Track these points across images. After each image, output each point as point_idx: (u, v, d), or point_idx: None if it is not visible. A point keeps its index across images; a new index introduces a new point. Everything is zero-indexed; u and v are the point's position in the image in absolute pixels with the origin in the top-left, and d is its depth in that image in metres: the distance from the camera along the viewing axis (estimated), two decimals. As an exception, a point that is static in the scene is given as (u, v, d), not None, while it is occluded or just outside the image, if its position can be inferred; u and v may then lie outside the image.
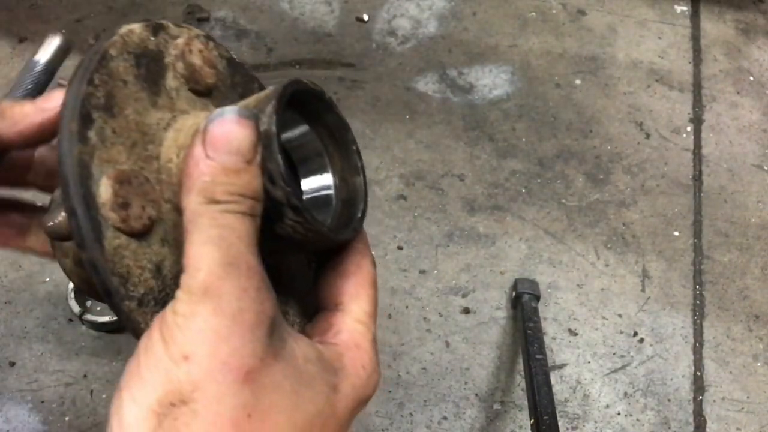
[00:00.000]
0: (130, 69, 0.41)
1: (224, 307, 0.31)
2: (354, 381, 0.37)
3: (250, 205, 0.34)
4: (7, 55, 1.63)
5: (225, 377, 0.31)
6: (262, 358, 0.32)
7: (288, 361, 0.33)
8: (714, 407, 1.30)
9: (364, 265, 0.40)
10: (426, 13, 1.76)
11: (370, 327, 0.39)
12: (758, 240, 1.49)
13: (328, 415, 0.35)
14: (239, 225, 0.33)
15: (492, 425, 1.26)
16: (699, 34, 1.79)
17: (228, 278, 0.32)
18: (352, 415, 0.37)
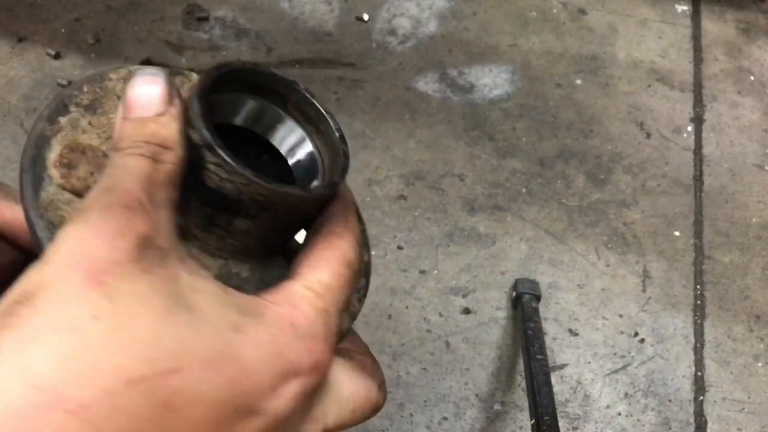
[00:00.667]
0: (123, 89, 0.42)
1: (88, 218, 0.31)
2: (274, 331, 0.32)
3: (152, 150, 0.34)
4: (7, 55, 1.63)
5: (73, 276, 0.29)
6: (122, 265, 0.30)
7: (163, 279, 0.31)
8: (715, 407, 1.30)
9: (335, 243, 0.36)
10: (426, 12, 1.76)
11: (322, 296, 0.34)
12: (759, 240, 1.48)
13: (222, 353, 0.30)
14: (132, 163, 0.33)
15: (492, 426, 1.26)
16: (700, 33, 1.79)
17: (100, 198, 0.32)
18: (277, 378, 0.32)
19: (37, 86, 1.60)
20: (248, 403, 0.31)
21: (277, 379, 0.32)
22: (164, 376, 0.29)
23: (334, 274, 0.35)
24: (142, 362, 0.29)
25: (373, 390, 0.39)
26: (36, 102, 1.57)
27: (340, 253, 0.36)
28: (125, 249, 0.30)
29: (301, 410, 0.34)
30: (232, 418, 0.31)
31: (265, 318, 0.32)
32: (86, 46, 1.66)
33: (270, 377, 0.32)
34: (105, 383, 0.28)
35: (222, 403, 0.30)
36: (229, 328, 0.31)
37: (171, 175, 0.34)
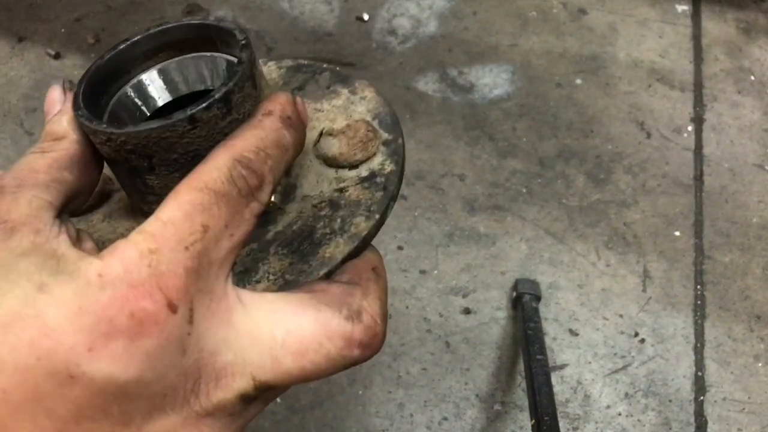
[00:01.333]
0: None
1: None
2: (79, 285, 0.29)
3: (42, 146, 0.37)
4: (7, 55, 1.62)
5: None
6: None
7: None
8: (715, 408, 1.30)
9: (194, 171, 0.33)
10: (426, 12, 1.76)
11: (153, 235, 0.31)
12: (759, 240, 1.48)
13: (22, 316, 0.29)
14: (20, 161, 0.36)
15: (492, 426, 1.26)
16: (700, 33, 1.79)
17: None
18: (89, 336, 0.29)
19: (37, 86, 1.60)
20: (60, 366, 0.29)
21: (89, 338, 0.29)
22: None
23: (178, 205, 0.31)
24: None
25: (332, 321, 0.34)
26: (36, 102, 1.57)
27: (194, 178, 0.32)
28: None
29: (160, 366, 0.30)
30: (50, 384, 0.29)
31: (76, 273, 0.30)
32: (86, 46, 1.66)
33: (78, 336, 0.29)
34: None
35: (27, 367, 0.29)
36: (35, 289, 0.29)
37: (58, 158, 0.36)
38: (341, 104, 0.43)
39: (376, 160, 0.40)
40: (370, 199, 0.39)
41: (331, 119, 0.42)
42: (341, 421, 1.25)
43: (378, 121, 0.42)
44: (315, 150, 0.41)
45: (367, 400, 1.26)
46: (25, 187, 0.33)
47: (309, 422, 1.25)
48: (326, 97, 0.43)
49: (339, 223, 0.38)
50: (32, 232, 0.31)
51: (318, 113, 0.42)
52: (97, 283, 0.29)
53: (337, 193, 0.39)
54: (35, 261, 0.30)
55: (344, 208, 0.39)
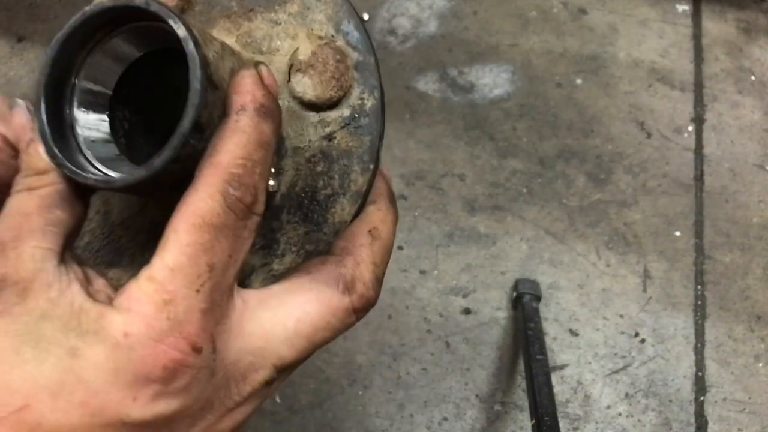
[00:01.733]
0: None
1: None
2: (108, 348, 0.32)
3: (28, 182, 0.35)
4: (6, 55, 1.62)
5: None
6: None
7: (16, 318, 0.32)
8: (715, 408, 1.30)
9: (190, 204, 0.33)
10: (426, 12, 1.76)
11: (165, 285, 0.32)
12: (760, 240, 1.48)
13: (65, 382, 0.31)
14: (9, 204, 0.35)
15: (493, 426, 1.26)
16: (700, 33, 1.79)
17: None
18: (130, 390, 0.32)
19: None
20: (110, 419, 0.32)
21: (131, 391, 0.32)
22: (18, 414, 0.31)
23: (181, 250, 0.33)
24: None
25: (333, 299, 0.37)
26: (36, 102, 1.57)
27: (193, 215, 0.33)
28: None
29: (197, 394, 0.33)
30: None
31: (100, 335, 0.32)
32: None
33: (122, 391, 0.32)
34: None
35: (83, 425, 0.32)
36: (68, 354, 0.32)
37: (49, 197, 0.35)
38: (296, 10, 0.40)
39: (354, 94, 0.40)
40: (360, 147, 0.40)
41: (292, 36, 0.40)
42: (341, 421, 1.25)
43: (342, 34, 0.40)
44: (289, 88, 0.39)
45: (367, 401, 1.26)
46: (24, 239, 0.34)
47: (309, 422, 1.24)
48: (278, 2, 0.40)
49: (338, 181, 0.39)
50: (44, 287, 0.33)
51: (275, 27, 0.40)
52: (125, 344, 0.32)
53: (326, 141, 0.39)
54: (58, 324, 0.32)
55: (338, 161, 0.39)
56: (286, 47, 0.40)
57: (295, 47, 0.40)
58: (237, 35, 0.40)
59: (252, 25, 0.40)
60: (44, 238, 0.34)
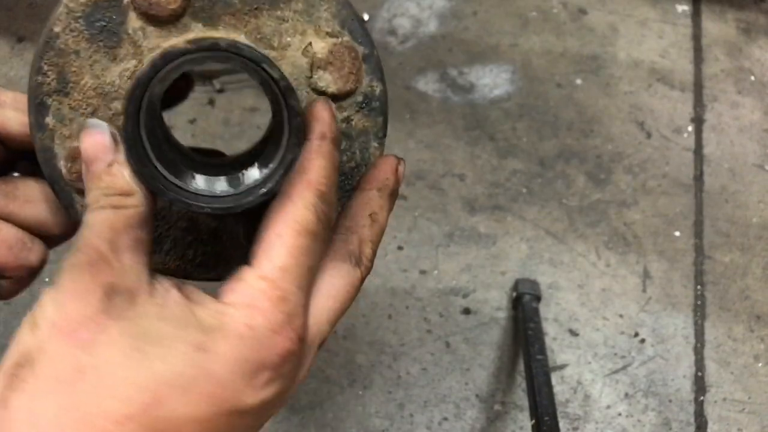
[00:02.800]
0: (80, 36, 0.41)
1: (59, 281, 0.36)
2: (234, 341, 0.36)
3: (111, 201, 0.37)
4: (6, 55, 1.62)
5: (59, 339, 0.34)
6: (95, 320, 0.34)
7: (132, 321, 0.35)
8: (715, 408, 1.30)
9: (290, 212, 0.38)
10: (426, 12, 1.76)
11: (277, 283, 0.37)
12: (759, 240, 1.48)
13: (195, 376, 0.34)
14: (95, 218, 0.37)
15: (492, 426, 1.26)
16: (700, 33, 1.79)
17: (69, 259, 0.36)
18: (250, 379, 0.36)
19: (37, 86, 1.60)
20: (234, 408, 0.35)
21: (251, 379, 0.36)
22: (147, 410, 0.33)
23: (289, 252, 0.38)
24: (125, 402, 0.33)
25: (349, 273, 0.42)
26: (36, 102, 1.57)
27: (294, 222, 0.38)
28: (94, 303, 0.35)
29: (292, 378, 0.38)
30: (224, 422, 0.35)
31: (225, 329, 0.36)
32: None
33: (244, 380, 0.36)
34: (99, 426, 0.33)
35: (209, 417, 0.35)
36: (195, 350, 0.35)
37: (135, 217, 0.38)
38: (301, 8, 0.43)
39: (365, 82, 0.45)
40: (374, 126, 0.46)
41: (300, 32, 0.44)
42: (341, 421, 1.25)
43: (348, 30, 0.45)
44: (310, 83, 0.44)
45: (367, 400, 1.26)
46: (121, 251, 0.37)
47: (309, 422, 1.25)
48: (283, 1, 0.43)
49: (360, 155, 0.46)
50: (149, 295, 0.36)
51: (283, 23, 0.43)
52: (250, 336, 0.36)
53: (345, 123, 0.45)
54: (177, 323, 0.36)
55: (357, 139, 0.46)
56: (297, 43, 0.43)
57: (305, 42, 0.44)
58: (245, 31, 0.43)
59: (258, 21, 0.43)
60: (137, 252, 0.37)
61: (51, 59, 0.42)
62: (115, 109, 0.42)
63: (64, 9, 0.41)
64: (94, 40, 0.41)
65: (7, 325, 1.27)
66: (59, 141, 0.42)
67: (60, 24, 0.41)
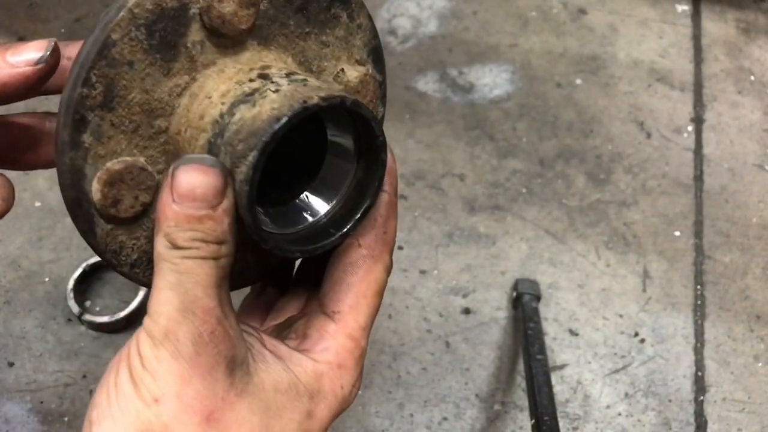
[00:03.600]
0: (138, 46, 0.38)
1: (182, 351, 0.33)
2: (331, 402, 0.38)
3: (212, 250, 0.35)
4: (7, 55, 1.62)
5: (191, 419, 0.33)
6: (224, 397, 0.34)
7: (255, 395, 0.35)
8: (715, 408, 1.30)
9: (374, 272, 0.40)
10: (426, 12, 1.76)
11: (360, 342, 0.40)
12: (759, 240, 1.48)
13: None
14: (198, 270, 0.35)
15: (492, 426, 1.26)
16: (700, 33, 1.79)
17: (184, 323, 0.34)
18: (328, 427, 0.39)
19: (37, 86, 1.59)
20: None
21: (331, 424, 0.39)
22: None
23: (370, 312, 0.40)
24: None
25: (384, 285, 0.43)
26: (36, 102, 1.57)
27: (376, 283, 0.40)
28: (221, 378, 0.34)
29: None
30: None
31: (323, 392, 0.38)
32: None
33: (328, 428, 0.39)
34: None
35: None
36: (305, 417, 0.37)
37: (225, 268, 0.36)
38: (342, 35, 0.46)
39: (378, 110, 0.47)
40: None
41: (336, 57, 0.45)
42: (341, 420, 1.25)
43: (372, 59, 0.47)
44: None
45: (367, 400, 1.26)
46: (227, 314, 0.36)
47: (309, 422, 1.25)
48: (329, 24, 0.45)
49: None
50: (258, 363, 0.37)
51: (324, 48, 0.45)
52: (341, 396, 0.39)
53: None
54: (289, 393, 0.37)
55: None
56: (331, 68, 0.45)
57: (338, 68, 0.45)
58: (292, 53, 0.43)
59: (305, 44, 0.44)
60: (231, 308, 0.37)
61: (102, 70, 0.37)
62: (158, 128, 0.39)
63: (127, 14, 0.37)
64: (151, 51, 0.38)
65: (6, 325, 1.27)
66: (92, 161, 0.38)
67: (119, 31, 0.37)
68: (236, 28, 0.39)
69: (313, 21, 0.44)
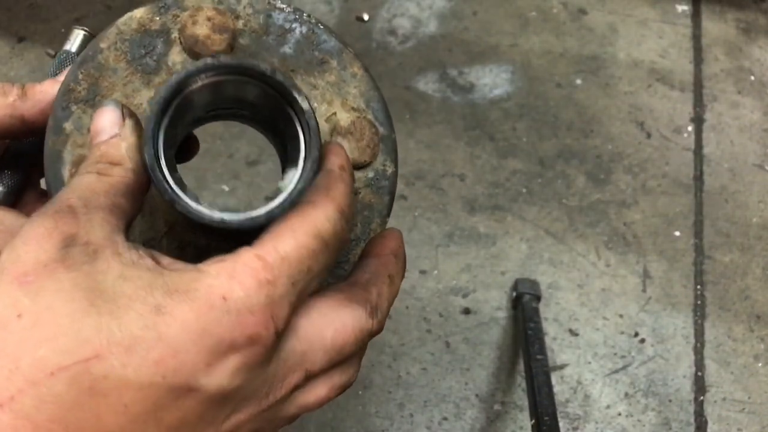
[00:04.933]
0: (122, 56, 0.44)
1: (21, 225, 0.35)
2: (202, 309, 0.32)
3: (98, 167, 0.38)
4: (6, 55, 1.63)
5: (3, 281, 0.32)
6: (46, 264, 0.33)
7: (87, 274, 0.33)
8: (715, 408, 1.30)
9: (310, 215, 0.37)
10: (426, 12, 1.76)
11: (271, 267, 0.34)
12: (759, 240, 1.48)
13: (143, 337, 0.31)
14: (77, 180, 0.37)
15: (492, 426, 1.26)
16: (700, 33, 1.79)
17: (39, 210, 0.36)
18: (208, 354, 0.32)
19: (37, 86, 1.60)
20: (182, 382, 0.32)
21: (209, 356, 0.32)
22: (84, 364, 0.31)
23: (297, 245, 0.36)
24: (61, 352, 0.31)
25: (362, 318, 0.39)
26: (36, 102, 1.57)
27: (311, 223, 0.37)
28: (50, 249, 0.33)
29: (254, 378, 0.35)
30: (168, 398, 0.32)
31: (194, 294, 0.33)
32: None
33: (201, 354, 0.32)
34: (29, 375, 0.30)
35: (152, 385, 0.32)
36: (152, 311, 0.32)
37: (116, 185, 0.37)
38: (334, 81, 0.47)
39: (379, 160, 0.47)
40: (380, 203, 0.47)
41: (328, 101, 0.46)
42: (341, 420, 1.25)
43: (372, 110, 0.47)
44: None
45: (367, 400, 1.26)
46: (94, 210, 0.36)
47: (309, 422, 1.25)
48: (318, 70, 0.46)
49: (360, 228, 0.47)
50: (117, 254, 0.34)
51: (313, 90, 0.46)
52: (221, 307, 0.33)
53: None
54: (140, 283, 0.33)
55: (361, 212, 0.46)
56: (322, 110, 0.46)
57: (331, 111, 0.46)
58: None
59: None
60: (112, 214, 0.36)
61: (88, 70, 0.44)
62: None
63: (115, 30, 0.44)
64: (133, 63, 0.44)
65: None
66: (70, 147, 0.43)
67: (107, 41, 0.44)
68: (209, 50, 0.44)
69: (300, 60, 0.46)
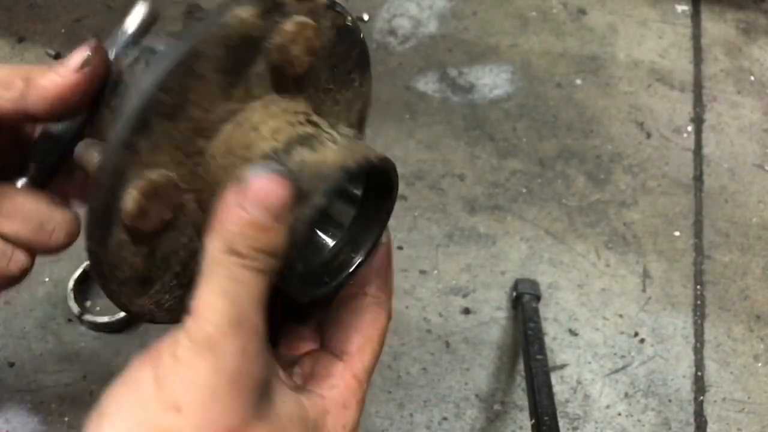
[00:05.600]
0: (218, 65, 0.38)
1: (225, 366, 0.31)
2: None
3: (269, 263, 0.33)
4: (7, 55, 1.63)
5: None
6: (246, 419, 0.32)
7: (271, 422, 0.34)
8: (715, 408, 1.30)
9: (379, 319, 0.42)
10: (426, 12, 1.76)
11: (363, 384, 0.41)
12: (759, 240, 1.48)
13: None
14: (253, 282, 0.33)
15: (492, 426, 1.26)
16: (700, 33, 1.79)
17: (233, 337, 0.32)
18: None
19: (37, 86, 1.59)
20: None
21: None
22: None
23: (374, 356, 0.42)
24: None
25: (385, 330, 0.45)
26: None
27: (381, 329, 0.42)
28: (252, 400, 0.33)
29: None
30: None
31: (327, 429, 0.39)
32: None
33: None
34: None
35: None
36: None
37: (268, 284, 0.34)
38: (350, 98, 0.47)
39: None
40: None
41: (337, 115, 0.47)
42: (341, 421, 1.25)
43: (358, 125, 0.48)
44: None
45: (367, 400, 1.26)
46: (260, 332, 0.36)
47: (309, 422, 1.25)
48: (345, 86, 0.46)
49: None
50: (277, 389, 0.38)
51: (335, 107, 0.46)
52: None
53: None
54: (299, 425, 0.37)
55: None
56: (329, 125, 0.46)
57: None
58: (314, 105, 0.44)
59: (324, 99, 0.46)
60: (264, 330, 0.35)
61: (181, 80, 0.37)
62: (197, 147, 0.39)
63: (220, 32, 0.38)
64: (221, 70, 0.38)
65: (6, 325, 1.27)
66: (136, 169, 0.37)
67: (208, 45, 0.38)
68: (295, 71, 0.40)
69: (337, 79, 0.44)
